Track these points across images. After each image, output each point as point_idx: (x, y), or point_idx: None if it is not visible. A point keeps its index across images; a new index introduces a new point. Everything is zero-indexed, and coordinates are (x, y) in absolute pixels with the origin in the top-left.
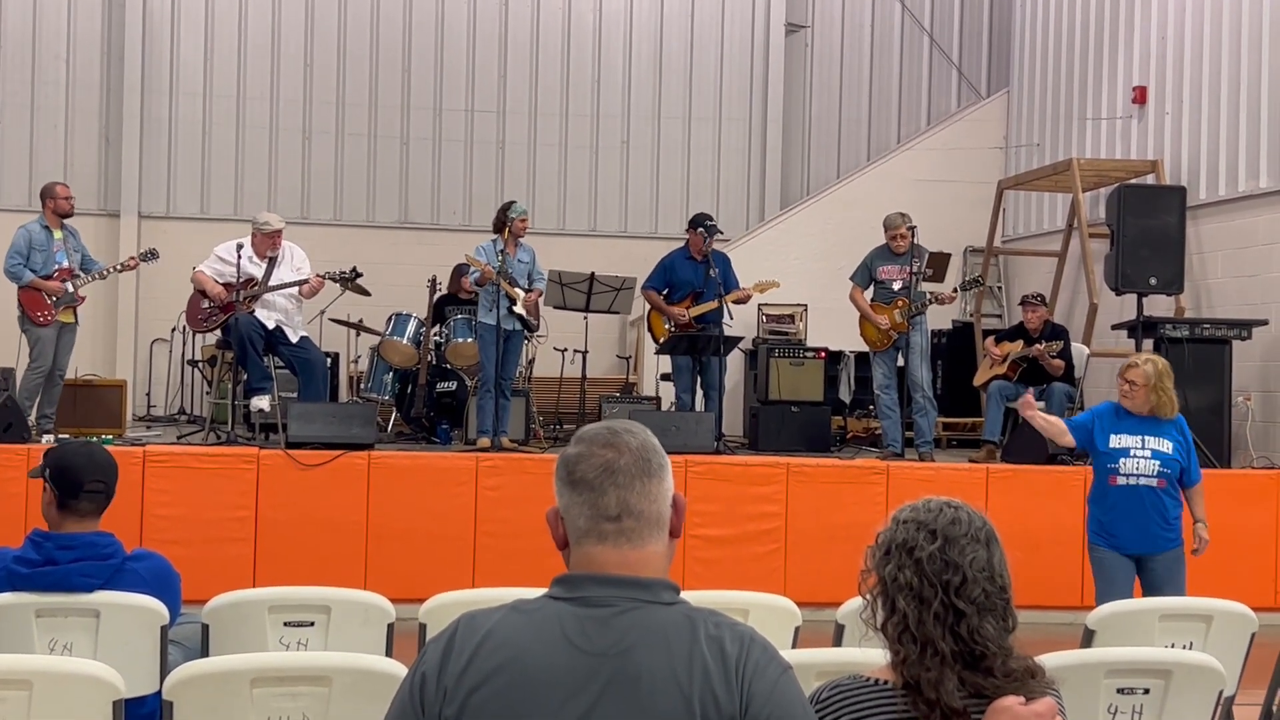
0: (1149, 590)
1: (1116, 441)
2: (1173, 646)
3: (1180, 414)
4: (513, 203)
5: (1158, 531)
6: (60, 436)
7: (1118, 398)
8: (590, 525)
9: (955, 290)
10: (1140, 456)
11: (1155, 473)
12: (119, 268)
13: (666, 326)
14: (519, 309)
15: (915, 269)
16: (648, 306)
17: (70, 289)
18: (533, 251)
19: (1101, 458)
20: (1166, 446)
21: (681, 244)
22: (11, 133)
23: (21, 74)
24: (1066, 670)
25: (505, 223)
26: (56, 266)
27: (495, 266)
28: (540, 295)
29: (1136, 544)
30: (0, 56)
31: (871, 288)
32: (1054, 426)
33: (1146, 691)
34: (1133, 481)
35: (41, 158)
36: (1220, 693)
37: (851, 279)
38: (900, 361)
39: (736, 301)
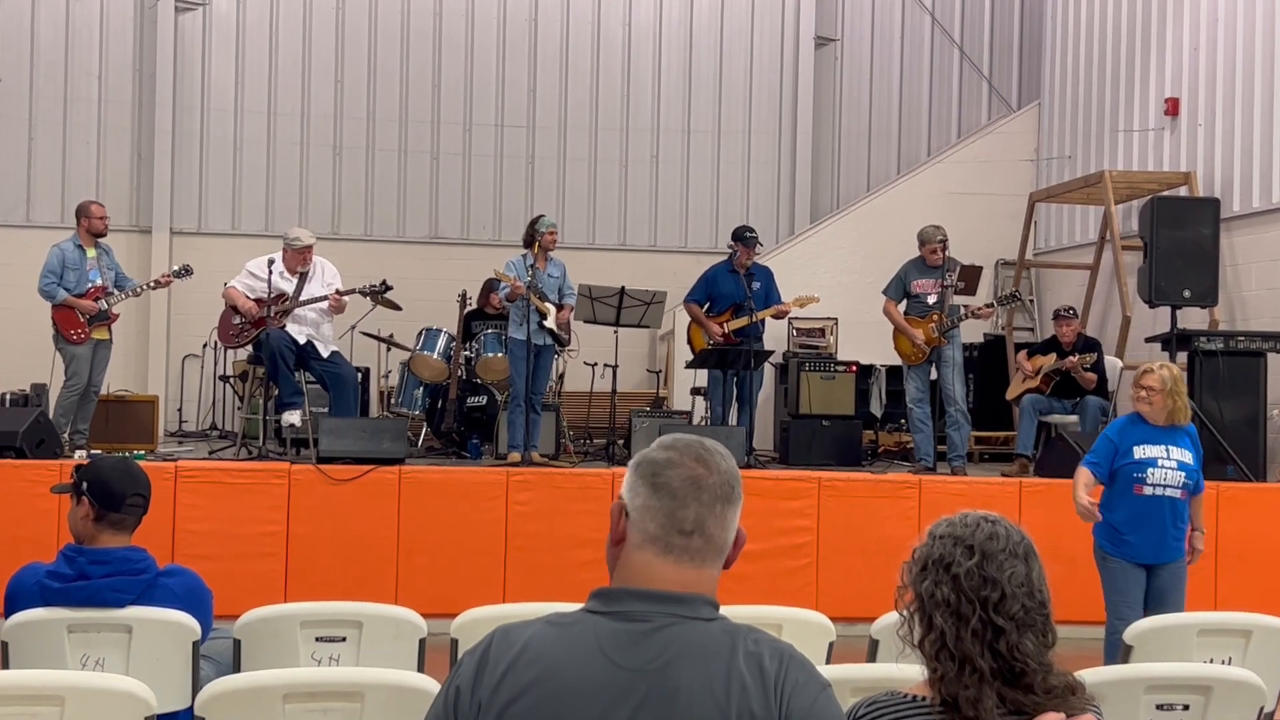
0: (1152, 600)
1: (1142, 451)
2: (1212, 662)
3: (1191, 423)
4: (541, 216)
5: (1170, 541)
6: (93, 452)
7: (1132, 408)
8: (661, 533)
9: (991, 305)
10: (1167, 467)
11: (1180, 484)
12: (153, 285)
13: (706, 340)
14: (549, 324)
15: (948, 282)
16: (689, 320)
17: (104, 306)
18: (563, 266)
19: (1127, 467)
20: (1188, 457)
21: (724, 257)
22: (44, 150)
23: (54, 91)
24: (1106, 686)
25: (534, 237)
26: (90, 284)
27: (525, 281)
28: (571, 310)
29: (1149, 553)
30: (33, 74)
31: (904, 301)
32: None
33: (1186, 708)
34: (1159, 491)
35: (74, 175)
36: (1261, 709)
37: (884, 293)
38: (933, 375)
39: (776, 316)
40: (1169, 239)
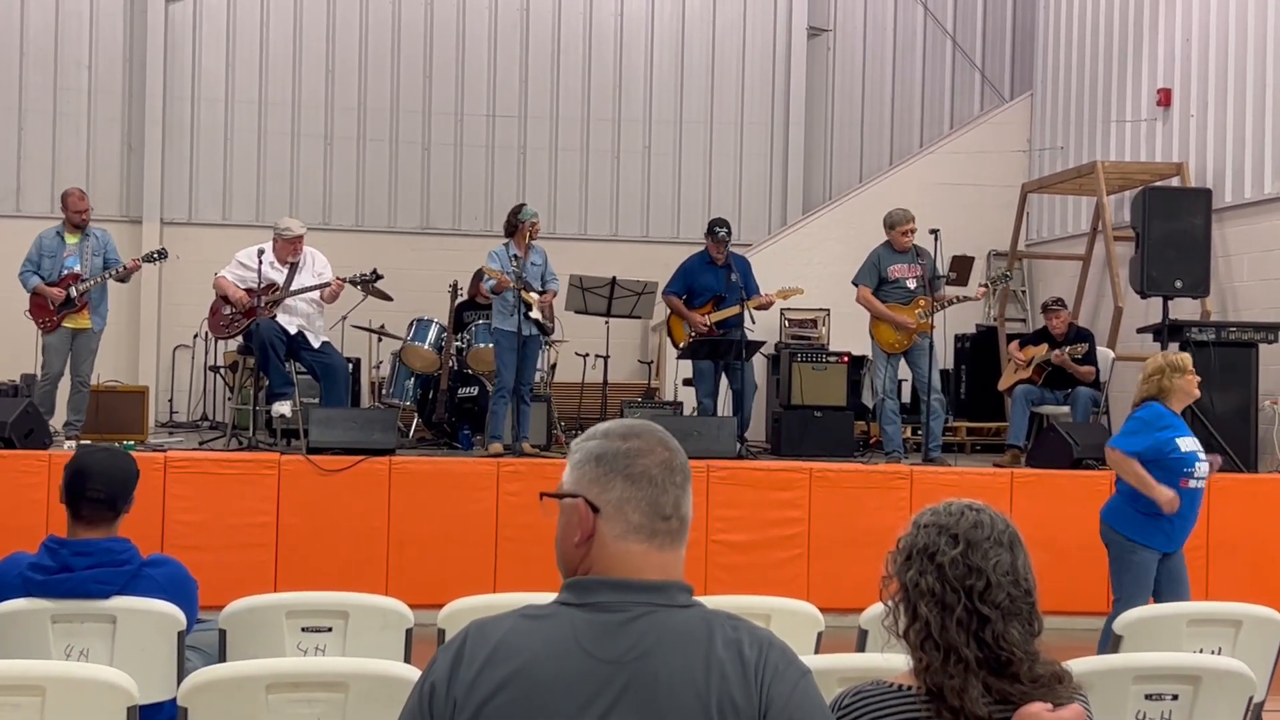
0: (1169, 582)
1: (1186, 445)
2: (1201, 652)
3: None
4: (523, 205)
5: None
6: (82, 443)
7: (1175, 399)
8: (644, 521)
9: (985, 284)
10: (1201, 460)
11: (1206, 474)
12: (124, 269)
13: (687, 332)
14: (535, 314)
15: (922, 269)
16: (669, 312)
17: (72, 294)
18: (544, 253)
19: (1176, 461)
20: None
21: (700, 249)
22: (34, 139)
23: (44, 81)
24: (1094, 676)
25: (516, 226)
26: (65, 271)
27: (509, 272)
28: (554, 296)
29: (1177, 542)
30: (23, 64)
31: (881, 289)
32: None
33: (1175, 697)
34: (1199, 485)
35: (64, 164)
36: (1250, 699)
37: (857, 282)
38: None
39: (759, 308)
40: (1161, 230)
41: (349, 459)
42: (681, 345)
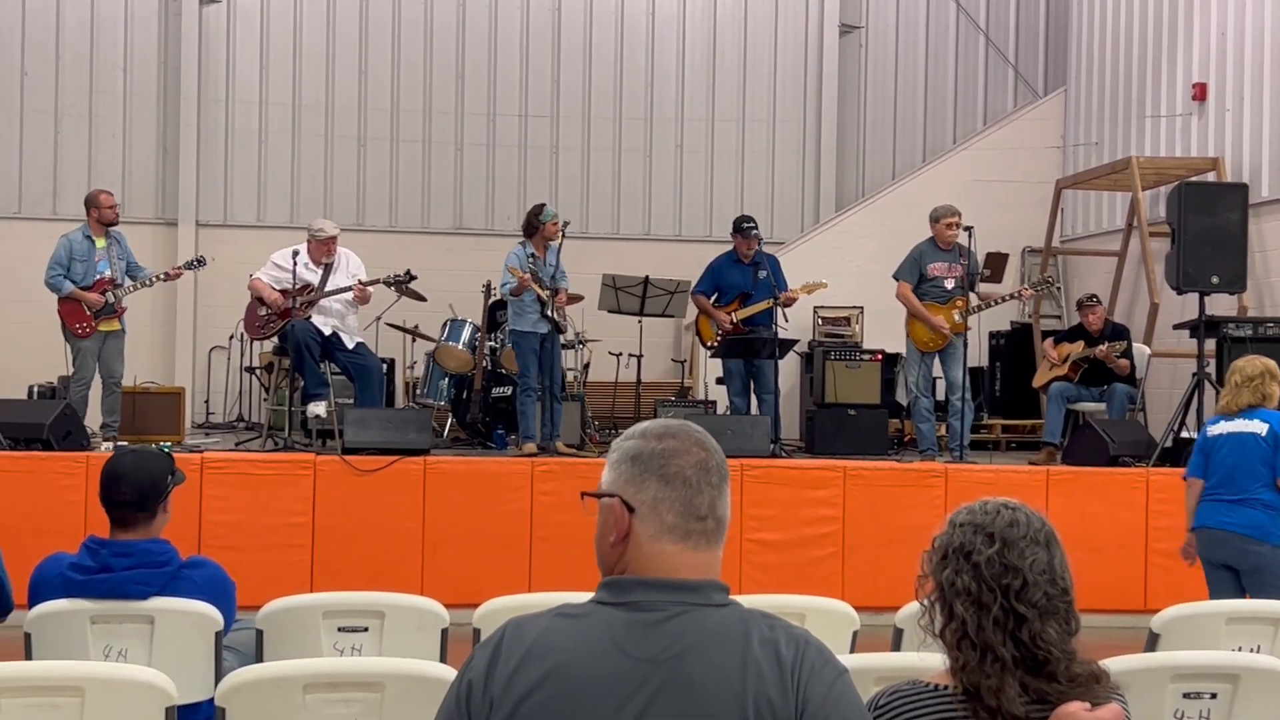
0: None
1: None
2: (1240, 650)
3: None
4: (543, 206)
5: None
6: (119, 444)
7: (1272, 403)
8: (679, 522)
9: (1036, 286)
10: None
11: None
12: (164, 276)
13: (714, 330)
14: (550, 311)
15: (964, 268)
16: (697, 310)
17: (110, 299)
18: (558, 253)
19: None
20: None
21: (729, 248)
22: (70, 143)
23: (80, 84)
24: (1131, 675)
25: (536, 227)
26: (98, 276)
27: (529, 272)
28: (565, 294)
29: None
30: (59, 67)
31: (919, 285)
32: None
33: (1214, 696)
34: None
35: (100, 168)
36: None
37: (897, 276)
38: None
39: (784, 304)
40: (1197, 225)
41: (384, 459)
42: (709, 344)
